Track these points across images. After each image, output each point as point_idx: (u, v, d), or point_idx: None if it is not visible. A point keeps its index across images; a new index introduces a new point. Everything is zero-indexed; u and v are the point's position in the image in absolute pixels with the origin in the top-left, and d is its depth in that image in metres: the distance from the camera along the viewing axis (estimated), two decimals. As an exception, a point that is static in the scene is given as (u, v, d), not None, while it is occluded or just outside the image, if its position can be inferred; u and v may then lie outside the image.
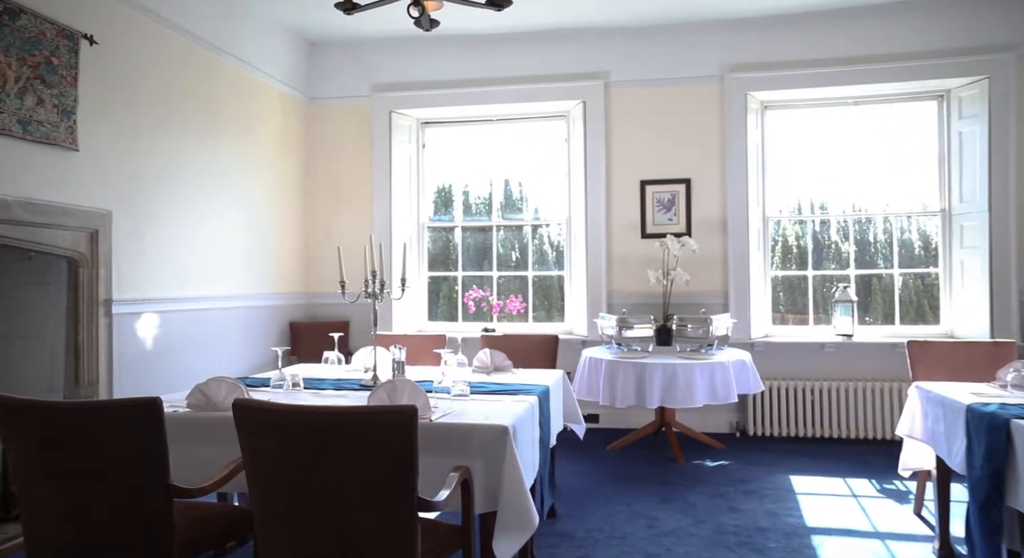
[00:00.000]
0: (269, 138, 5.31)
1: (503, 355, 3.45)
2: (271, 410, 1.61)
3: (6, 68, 3.15)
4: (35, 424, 1.68)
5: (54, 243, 3.48)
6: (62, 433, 1.68)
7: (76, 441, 1.68)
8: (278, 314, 5.41)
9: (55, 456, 1.69)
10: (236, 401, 1.65)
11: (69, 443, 1.68)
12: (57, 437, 1.68)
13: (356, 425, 1.58)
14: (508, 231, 5.91)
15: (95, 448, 1.68)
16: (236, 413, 1.65)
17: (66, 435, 1.67)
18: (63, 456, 1.69)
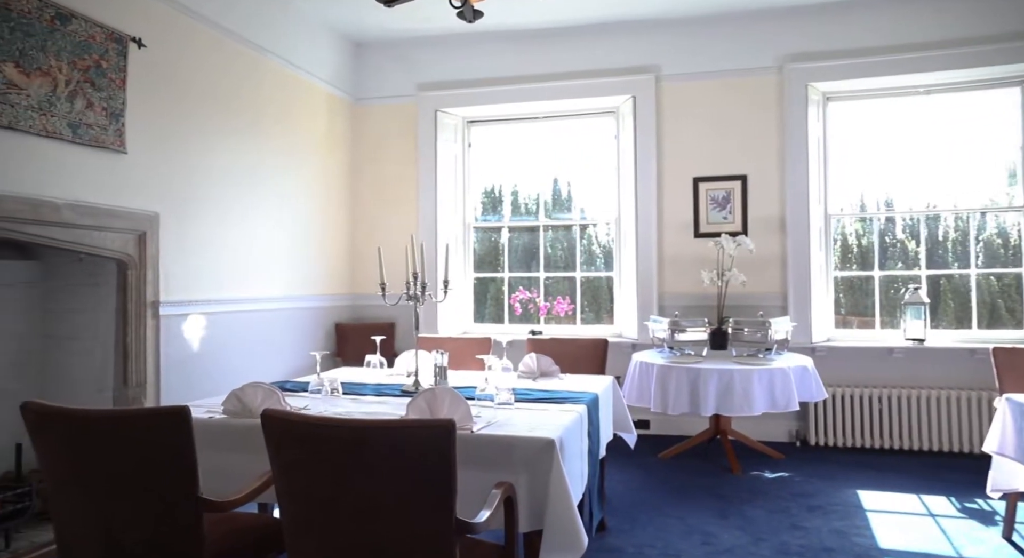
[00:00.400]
0: (315, 139, 5.29)
1: (550, 360, 3.31)
2: (300, 422, 1.52)
3: (57, 72, 3.18)
4: (63, 431, 1.63)
5: (103, 245, 3.50)
6: (90, 441, 1.62)
7: (103, 450, 1.62)
8: (324, 315, 5.39)
9: (83, 464, 1.64)
10: (265, 411, 1.56)
11: (96, 452, 1.62)
12: (85, 445, 1.63)
13: (389, 439, 1.47)
14: (555, 231, 5.77)
15: (122, 458, 1.62)
16: (265, 423, 1.56)
17: (93, 443, 1.62)
18: (91, 465, 1.63)
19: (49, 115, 3.14)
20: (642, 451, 4.59)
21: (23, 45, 3.02)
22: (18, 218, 3.04)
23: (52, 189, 3.18)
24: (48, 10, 3.13)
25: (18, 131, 3.00)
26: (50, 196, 3.17)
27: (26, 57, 3.03)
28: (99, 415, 1.60)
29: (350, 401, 2.58)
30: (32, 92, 3.06)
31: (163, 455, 1.61)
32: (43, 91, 3.11)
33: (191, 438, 1.62)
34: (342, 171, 5.69)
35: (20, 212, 3.04)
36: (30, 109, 3.05)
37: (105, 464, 1.63)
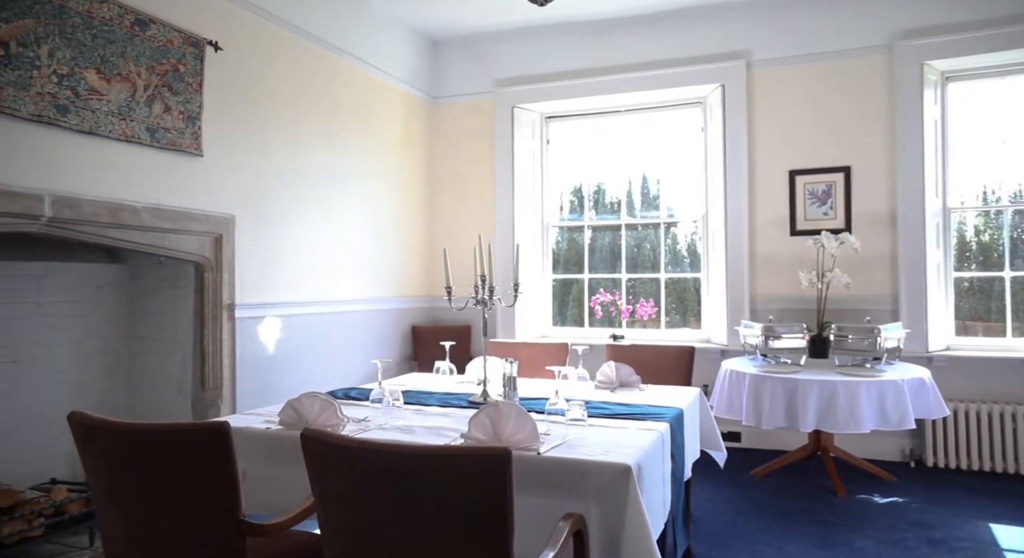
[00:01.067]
0: (391, 139, 5.24)
1: (630, 369, 3.06)
2: (338, 445, 1.36)
3: (136, 77, 3.21)
4: (105, 444, 1.55)
5: (180, 248, 3.53)
6: (129, 455, 1.53)
7: (142, 465, 1.53)
8: (400, 318, 5.33)
9: (121, 480, 1.56)
10: (304, 431, 1.42)
11: (135, 466, 1.53)
12: (124, 459, 1.54)
13: (435, 469, 1.29)
14: (638, 230, 5.47)
15: (160, 474, 1.52)
16: (304, 444, 1.42)
17: (133, 458, 1.53)
18: (130, 479, 1.55)
19: (128, 120, 3.17)
20: (734, 466, 4.25)
21: (104, 51, 3.06)
22: (99, 222, 3.08)
23: (131, 193, 3.22)
24: (128, 16, 3.17)
25: (98, 136, 3.04)
26: (130, 200, 3.21)
27: (107, 63, 3.07)
28: (135, 429, 1.51)
29: (413, 412, 2.44)
30: (112, 97, 3.10)
31: (201, 473, 1.50)
32: (122, 96, 3.14)
33: (231, 456, 1.50)
34: (419, 171, 5.62)
35: (100, 216, 3.08)
36: (110, 114, 3.09)
37: (143, 481, 1.54)
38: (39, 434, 3.43)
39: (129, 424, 1.52)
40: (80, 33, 2.96)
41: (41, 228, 2.87)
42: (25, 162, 2.77)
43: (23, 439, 3.36)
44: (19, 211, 2.76)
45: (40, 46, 2.80)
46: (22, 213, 2.77)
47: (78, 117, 2.95)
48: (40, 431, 3.44)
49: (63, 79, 2.89)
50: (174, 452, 1.50)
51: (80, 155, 2.98)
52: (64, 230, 2.97)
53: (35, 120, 2.78)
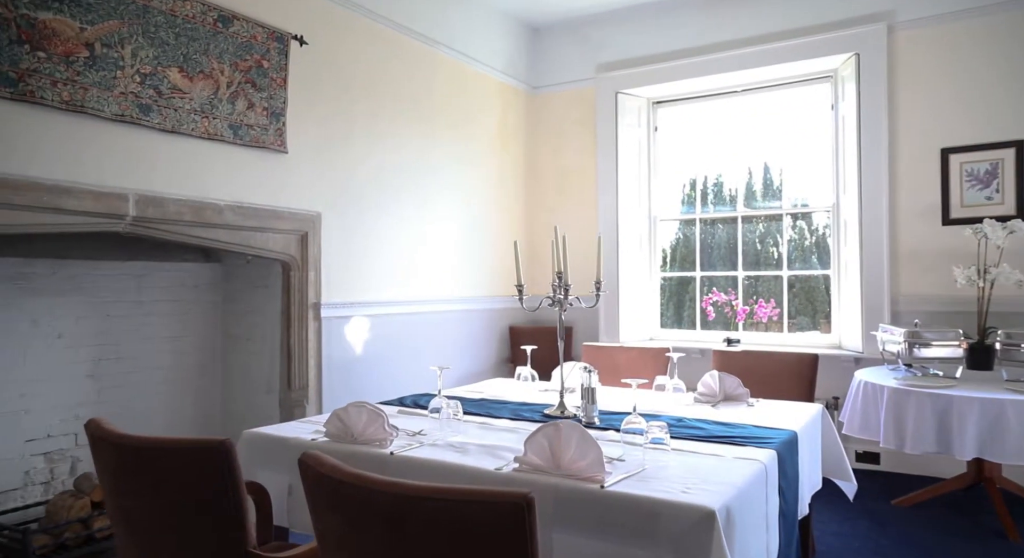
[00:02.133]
0: (488, 132, 5.04)
1: (736, 381, 2.64)
2: (330, 476, 1.13)
3: (219, 74, 3.19)
4: (108, 458, 1.41)
5: (266, 246, 3.49)
6: (132, 471, 1.38)
7: (141, 484, 1.37)
8: (497, 318, 5.11)
9: (126, 498, 1.41)
10: (302, 457, 1.19)
11: (136, 486, 1.38)
12: (128, 475, 1.39)
13: (434, 515, 1.02)
14: (757, 223, 4.93)
15: (161, 495, 1.36)
16: (301, 471, 1.19)
17: (133, 476, 1.38)
18: (132, 500, 1.40)
19: (211, 117, 3.16)
20: (869, 492, 3.66)
21: (187, 50, 3.05)
22: (183, 221, 3.08)
23: (215, 191, 3.20)
24: (211, 13, 3.15)
25: (180, 134, 3.03)
26: (213, 198, 3.19)
27: (190, 61, 3.06)
28: (132, 443, 1.36)
29: (476, 426, 2.18)
30: (195, 95, 3.09)
31: (203, 498, 1.32)
32: (205, 94, 3.13)
33: (235, 479, 1.30)
34: (518, 165, 5.38)
35: (184, 214, 3.07)
36: (192, 112, 3.08)
37: (144, 503, 1.38)
38: (141, 430, 3.51)
39: (127, 437, 1.37)
40: (163, 32, 2.96)
41: (126, 227, 2.90)
42: (109, 162, 2.79)
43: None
44: (104, 211, 2.79)
45: (124, 46, 2.82)
46: (107, 213, 2.80)
47: (160, 116, 2.95)
48: (142, 427, 3.52)
49: (146, 78, 2.89)
50: (173, 472, 1.33)
51: (163, 154, 2.98)
52: (149, 229, 2.98)
53: (118, 120, 2.80)
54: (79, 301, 3.29)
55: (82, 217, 2.73)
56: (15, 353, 3.07)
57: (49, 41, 2.59)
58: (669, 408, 2.45)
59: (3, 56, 2.46)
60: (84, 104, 2.68)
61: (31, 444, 3.14)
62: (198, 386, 3.79)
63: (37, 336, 3.15)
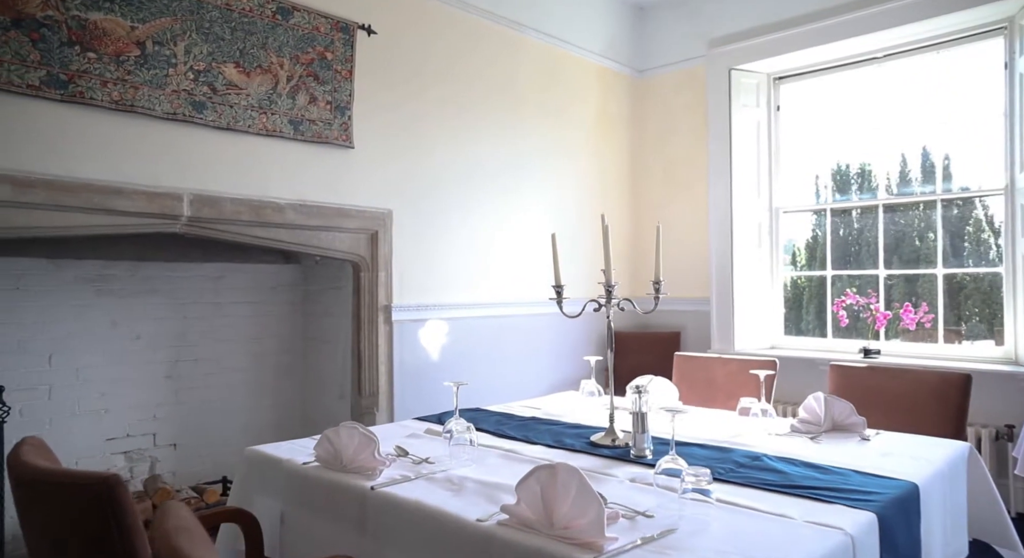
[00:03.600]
0: (585, 121, 4.65)
1: (848, 407, 2.09)
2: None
3: (278, 68, 3.09)
4: (14, 488, 1.22)
5: (332, 246, 3.35)
6: (26, 505, 1.18)
7: (36, 519, 1.17)
8: (595, 322, 4.70)
9: (25, 529, 1.22)
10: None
11: (31, 519, 1.18)
12: (24, 508, 1.20)
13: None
14: (904, 211, 4.14)
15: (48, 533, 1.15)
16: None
17: (29, 508, 1.18)
18: (29, 532, 1.20)
19: (269, 113, 3.05)
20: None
21: (243, 44, 2.97)
22: (240, 220, 3.00)
23: (275, 189, 3.10)
24: (269, 5, 3.05)
25: (236, 131, 2.95)
26: (273, 197, 3.09)
27: (246, 56, 2.97)
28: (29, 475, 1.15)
29: (498, 454, 1.82)
30: (252, 91, 2.99)
31: (89, 537, 1.09)
32: (263, 89, 3.03)
33: (123, 520, 1.06)
34: (620, 155, 4.94)
35: (242, 214, 2.99)
36: (249, 108, 2.99)
37: (37, 537, 1.18)
38: (219, 431, 3.52)
39: (27, 466, 1.17)
40: (218, 27, 2.89)
41: (182, 228, 2.85)
42: (162, 161, 2.75)
43: (205, 435, 3.46)
44: (158, 211, 2.75)
45: (176, 43, 2.77)
46: (161, 213, 2.76)
47: (215, 113, 2.88)
48: (220, 428, 3.52)
49: (199, 75, 2.83)
50: (61, 508, 1.11)
51: (219, 152, 2.91)
52: (205, 229, 2.92)
53: (170, 118, 2.75)
54: (157, 303, 3.33)
55: (135, 218, 2.70)
56: (95, 353, 3.14)
57: (100, 41, 2.57)
58: (751, 439, 1.96)
59: (54, 59, 2.47)
60: (135, 103, 2.65)
61: (111, 442, 3.20)
62: (276, 388, 3.75)
63: (116, 337, 3.21)
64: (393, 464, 1.68)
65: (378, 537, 1.45)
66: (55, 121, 2.48)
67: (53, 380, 3.03)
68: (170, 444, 3.37)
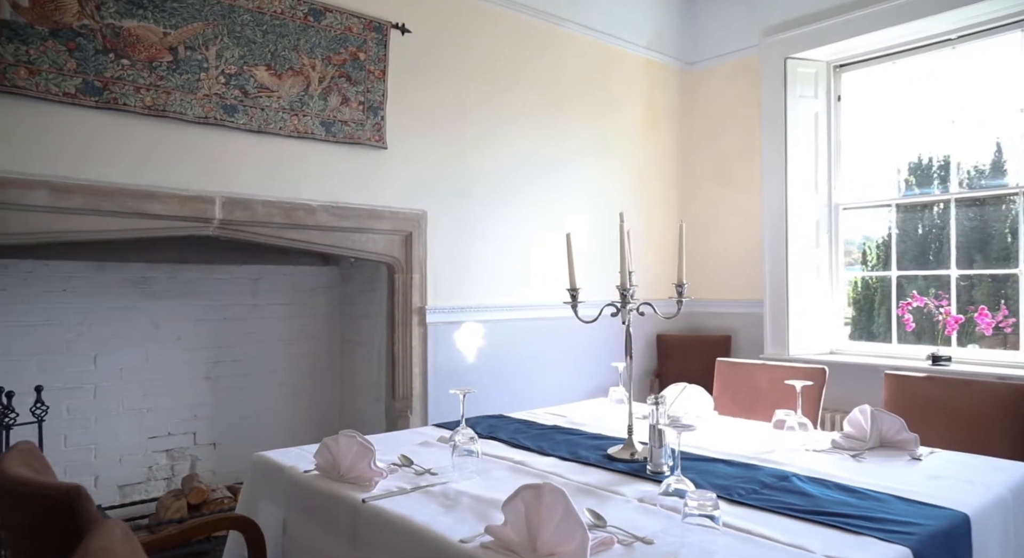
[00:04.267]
0: (630, 117, 4.49)
1: (898, 422, 1.90)
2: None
3: (310, 70, 3.08)
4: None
5: (365, 248, 3.33)
6: (7, 512, 1.17)
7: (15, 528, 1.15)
8: (641, 325, 4.54)
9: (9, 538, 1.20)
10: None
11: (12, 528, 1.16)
12: (6, 516, 1.18)
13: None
14: (994, 205, 3.81)
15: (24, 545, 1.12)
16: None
17: (9, 517, 1.16)
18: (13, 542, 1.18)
19: (301, 115, 3.05)
20: None
21: (275, 47, 2.98)
22: (272, 222, 3.01)
23: (306, 191, 3.09)
24: (301, 7, 3.05)
25: (267, 134, 2.96)
26: (304, 198, 3.09)
27: (278, 58, 2.98)
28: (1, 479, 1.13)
29: (506, 467, 1.72)
30: (283, 93, 3.00)
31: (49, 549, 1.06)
32: (295, 91, 3.03)
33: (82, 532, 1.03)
34: (668, 151, 4.76)
35: (273, 216, 3.00)
36: (281, 111, 2.99)
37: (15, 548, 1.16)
38: (258, 431, 3.55)
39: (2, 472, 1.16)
40: (249, 30, 2.91)
41: (214, 230, 2.88)
42: (193, 165, 2.78)
43: (244, 435, 3.49)
44: (191, 215, 2.78)
45: (208, 48, 2.79)
46: (193, 216, 2.79)
47: (246, 116, 2.89)
48: (258, 429, 3.56)
49: (231, 79, 2.85)
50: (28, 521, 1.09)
51: (250, 155, 2.93)
52: (238, 232, 2.94)
53: (201, 122, 2.77)
54: (197, 304, 3.39)
55: (168, 221, 2.74)
56: (138, 354, 3.21)
57: (133, 48, 2.62)
58: (784, 456, 1.80)
59: (89, 66, 2.52)
60: (166, 108, 2.68)
61: (153, 441, 3.27)
62: (314, 390, 3.76)
63: (158, 338, 3.27)
64: (393, 475, 1.62)
65: (367, 552, 1.38)
66: (90, 127, 2.54)
67: (98, 380, 3.12)
68: (210, 443, 3.42)
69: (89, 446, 3.11)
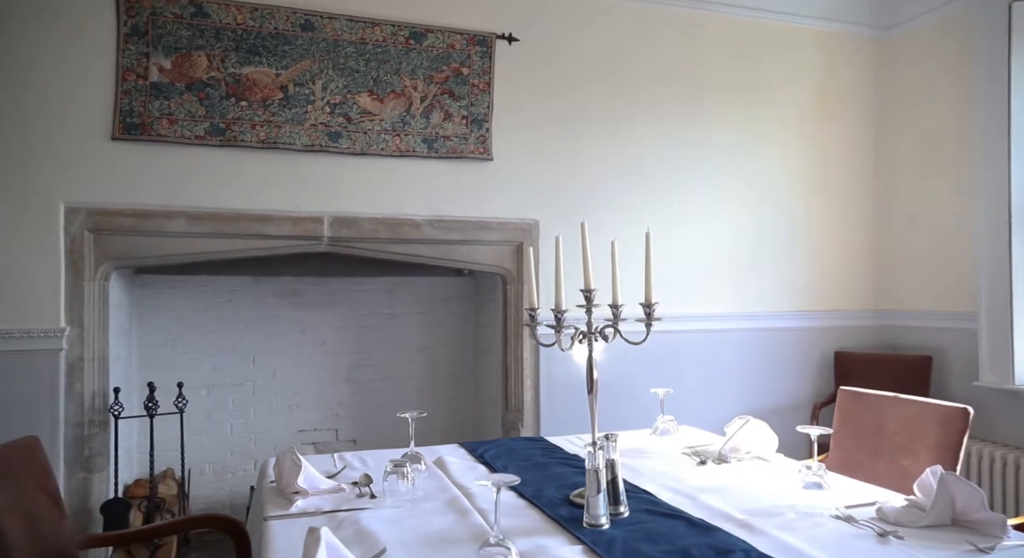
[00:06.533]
0: (801, 101, 3.90)
1: (979, 497, 1.38)
2: None
3: (412, 91, 3.22)
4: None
5: (474, 259, 3.38)
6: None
7: None
8: (816, 339, 3.90)
9: None
10: None
11: None
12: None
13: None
14: None
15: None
16: None
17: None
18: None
19: (403, 134, 3.20)
20: None
21: (377, 73, 3.17)
22: (378, 238, 3.20)
23: (411, 206, 3.23)
24: (402, 32, 3.20)
25: (370, 155, 3.15)
26: (408, 214, 3.23)
27: (380, 83, 3.17)
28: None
29: (443, 502, 1.59)
30: (385, 115, 3.18)
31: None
32: (396, 112, 3.19)
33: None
34: (855, 137, 4.03)
35: (379, 232, 3.19)
36: (383, 132, 3.17)
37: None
38: (394, 432, 3.77)
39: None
40: (352, 61, 3.13)
41: (324, 247, 3.15)
42: (303, 189, 3.07)
43: (381, 435, 3.76)
44: (302, 234, 3.08)
45: (314, 82, 3.07)
46: (305, 235, 3.09)
47: (349, 140, 3.12)
48: (394, 429, 3.77)
49: (335, 108, 3.10)
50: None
51: (354, 175, 3.14)
52: (347, 248, 3.18)
53: (308, 150, 3.06)
54: (338, 313, 3.74)
55: (283, 241, 3.07)
56: (289, 357, 3.65)
57: (250, 90, 2.99)
58: (787, 520, 1.40)
59: (215, 111, 2.94)
60: (277, 141, 3.01)
61: (301, 434, 3.69)
62: (448, 398, 3.90)
63: (305, 343, 3.69)
64: (331, 495, 1.61)
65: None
66: (215, 163, 2.95)
67: (256, 378, 3.62)
68: (351, 440, 3.75)
69: (249, 434, 3.61)
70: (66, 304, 2.78)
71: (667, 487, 1.70)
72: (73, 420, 2.79)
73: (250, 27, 2.98)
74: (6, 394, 2.71)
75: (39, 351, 2.75)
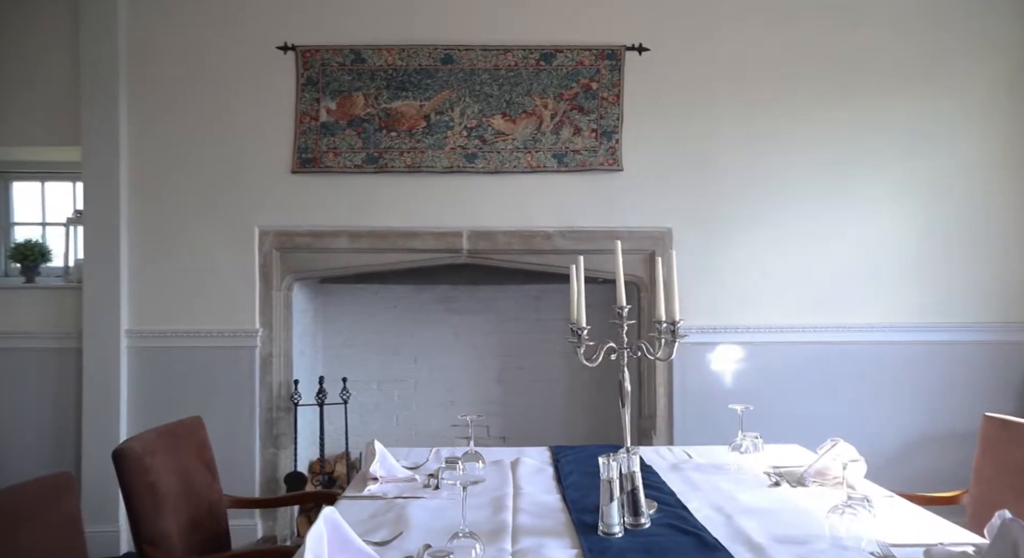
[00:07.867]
0: (980, 85, 3.40)
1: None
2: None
3: (542, 109, 3.40)
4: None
5: (605, 268, 3.44)
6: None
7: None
8: (996, 354, 3.36)
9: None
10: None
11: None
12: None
13: None
14: None
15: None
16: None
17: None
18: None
19: (534, 151, 3.39)
20: None
21: (510, 96, 3.39)
22: (512, 250, 3.42)
23: (541, 219, 3.40)
24: (532, 55, 3.40)
25: (503, 173, 3.39)
26: (540, 226, 3.41)
27: (512, 105, 3.39)
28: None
29: (490, 498, 1.73)
30: (517, 135, 3.39)
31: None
32: (527, 131, 3.39)
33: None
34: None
35: (512, 244, 3.41)
36: (515, 151, 3.39)
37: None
38: (541, 430, 3.99)
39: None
40: (487, 87, 3.39)
41: (464, 259, 3.44)
42: (443, 207, 3.39)
43: (528, 433, 3.99)
44: (444, 247, 3.41)
45: (453, 109, 3.39)
46: (446, 248, 3.41)
47: (484, 160, 3.38)
48: (541, 428, 4.00)
49: (472, 131, 3.38)
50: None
51: (489, 192, 3.40)
52: (484, 259, 3.45)
53: (447, 171, 3.38)
54: (488, 318, 4.03)
55: (428, 254, 3.42)
56: (444, 357, 4.03)
57: (398, 122, 3.39)
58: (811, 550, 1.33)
59: (370, 142, 3.38)
60: (421, 165, 3.37)
61: (455, 429, 4.03)
62: (591, 402, 4.00)
63: (458, 346, 4.03)
64: (398, 483, 1.84)
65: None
66: (369, 188, 3.39)
67: (417, 376, 4.04)
68: (500, 437, 4.02)
69: (411, 426, 4.04)
70: (260, 310, 3.39)
71: (712, 504, 1.67)
72: (265, 404, 3.39)
73: (399, 65, 3.37)
74: (221, 381, 3.37)
75: (240, 347, 3.38)
